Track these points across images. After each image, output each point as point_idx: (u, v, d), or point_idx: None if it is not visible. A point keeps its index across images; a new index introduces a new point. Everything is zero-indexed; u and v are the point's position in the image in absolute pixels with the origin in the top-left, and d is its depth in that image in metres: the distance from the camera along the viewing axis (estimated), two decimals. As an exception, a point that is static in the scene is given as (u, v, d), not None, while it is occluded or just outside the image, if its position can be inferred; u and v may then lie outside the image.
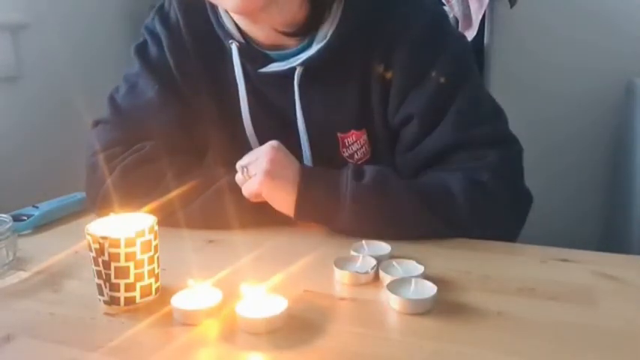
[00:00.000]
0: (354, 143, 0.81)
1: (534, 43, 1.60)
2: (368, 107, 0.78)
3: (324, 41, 0.75)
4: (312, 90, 0.79)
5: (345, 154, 0.81)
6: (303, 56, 0.76)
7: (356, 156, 0.81)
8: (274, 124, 0.83)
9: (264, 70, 0.79)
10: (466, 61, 0.78)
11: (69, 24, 1.31)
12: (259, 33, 0.77)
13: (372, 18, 0.75)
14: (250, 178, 0.71)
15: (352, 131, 0.80)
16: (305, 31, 0.75)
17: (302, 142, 0.81)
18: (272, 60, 0.79)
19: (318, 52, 0.75)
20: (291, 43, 0.77)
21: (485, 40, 1.60)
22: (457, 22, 1.45)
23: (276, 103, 0.82)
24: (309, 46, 0.76)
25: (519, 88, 1.51)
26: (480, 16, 1.43)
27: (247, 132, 0.83)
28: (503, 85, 0.87)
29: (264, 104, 0.83)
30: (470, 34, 1.43)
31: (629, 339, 0.48)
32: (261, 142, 0.84)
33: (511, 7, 1.48)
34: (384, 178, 0.70)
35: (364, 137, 0.80)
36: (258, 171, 0.69)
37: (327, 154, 0.82)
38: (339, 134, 0.81)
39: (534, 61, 1.60)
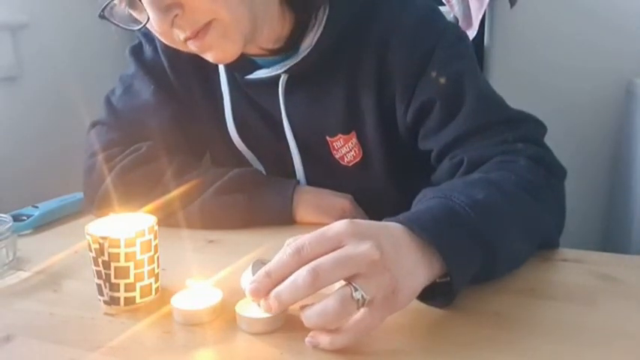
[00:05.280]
0: (343, 146, 0.80)
1: (534, 43, 1.60)
2: (356, 111, 0.78)
3: (309, 49, 0.74)
4: (297, 95, 0.79)
5: (337, 156, 0.82)
6: (289, 63, 0.76)
7: (346, 158, 0.81)
8: (263, 128, 0.83)
9: (249, 77, 0.79)
10: (467, 46, 0.78)
11: (69, 24, 1.30)
12: (245, 50, 0.77)
13: (358, 22, 0.75)
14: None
15: (339, 135, 0.80)
16: (290, 45, 0.75)
17: (290, 145, 0.82)
18: (258, 66, 0.79)
19: (303, 59, 0.75)
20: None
21: (486, 40, 1.60)
22: (457, 22, 1.45)
23: (264, 107, 0.82)
24: (295, 52, 0.76)
25: (519, 88, 1.51)
26: (480, 16, 1.43)
27: (232, 137, 0.84)
28: (503, 85, 0.87)
29: (253, 108, 0.83)
30: (470, 34, 1.43)
31: (629, 339, 0.48)
32: (249, 146, 0.85)
33: (511, 7, 1.48)
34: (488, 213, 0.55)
35: (354, 140, 0.80)
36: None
37: (317, 157, 0.82)
38: (327, 138, 0.81)
39: (534, 61, 1.60)
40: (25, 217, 0.79)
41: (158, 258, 0.56)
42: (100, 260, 0.53)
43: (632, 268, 0.62)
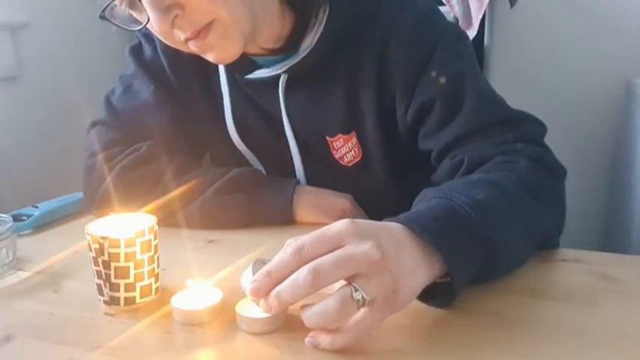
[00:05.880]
0: (343, 146, 0.80)
1: (534, 43, 1.60)
2: (356, 110, 0.78)
3: (309, 49, 0.74)
4: (297, 95, 0.79)
5: (336, 156, 0.82)
6: (288, 63, 0.76)
7: (346, 158, 0.81)
8: (263, 128, 0.83)
9: (249, 77, 0.79)
10: (467, 46, 0.77)
11: (69, 24, 1.31)
12: (245, 49, 0.77)
13: (358, 22, 0.75)
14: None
15: (339, 135, 0.80)
16: (290, 45, 0.75)
17: (290, 145, 0.82)
18: (258, 66, 0.79)
19: (303, 59, 0.75)
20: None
21: (485, 40, 1.60)
22: (457, 22, 1.45)
23: (264, 107, 0.82)
24: (295, 52, 0.76)
25: (519, 88, 1.51)
26: (480, 16, 1.43)
27: (232, 137, 0.84)
28: (503, 85, 0.87)
29: (253, 108, 0.83)
30: (470, 34, 1.43)
31: (629, 339, 0.48)
32: (249, 146, 0.85)
33: (511, 7, 1.48)
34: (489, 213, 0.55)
35: (354, 140, 0.80)
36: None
37: (317, 157, 0.82)
38: (327, 137, 0.81)
39: (534, 61, 1.60)
40: (25, 217, 0.79)
41: (158, 258, 0.56)
42: (100, 260, 0.53)
43: (632, 268, 0.62)
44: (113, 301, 0.54)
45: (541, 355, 0.46)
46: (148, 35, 0.84)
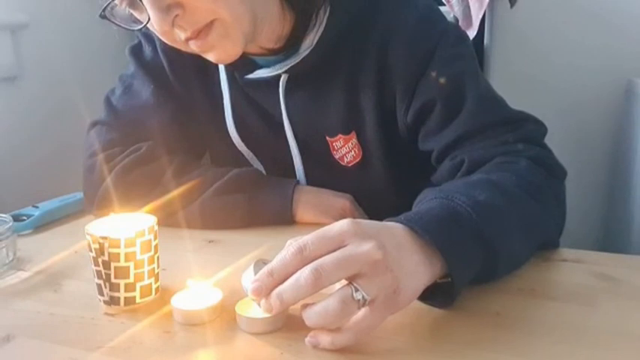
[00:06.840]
0: (343, 147, 0.80)
1: (534, 43, 1.59)
2: (356, 111, 0.78)
3: (309, 49, 0.74)
4: (297, 95, 0.79)
5: (336, 157, 0.82)
6: (289, 63, 0.76)
7: (346, 159, 0.81)
8: (263, 128, 0.83)
9: (249, 76, 0.79)
10: (467, 47, 0.77)
11: (69, 24, 1.30)
12: (245, 49, 0.77)
13: (359, 22, 0.75)
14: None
15: (339, 135, 0.80)
16: (290, 45, 0.75)
17: (290, 145, 0.82)
18: (259, 66, 0.79)
19: (303, 60, 0.75)
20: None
21: (486, 40, 1.59)
22: (457, 22, 1.45)
23: (264, 107, 0.82)
24: (295, 52, 0.76)
25: (519, 88, 1.51)
26: (480, 16, 1.43)
27: (232, 137, 0.84)
28: (503, 85, 0.87)
29: (253, 108, 0.83)
30: (470, 34, 1.43)
31: (629, 339, 0.48)
32: (249, 146, 0.85)
33: (511, 7, 1.48)
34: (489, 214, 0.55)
35: (354, 140, 0.80)
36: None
37: (317, 157, 0.82)
38: (327, 138, 0.81)
39: (534, 61, 1.60)
40: (25, 217, 0.79)
41: (158, 258, 0.56)
42: (100, 260, 0.53)
43: (632, 268, 0.62)
44: (113, 301, 0.54)
45: (541, 355, 0.46)
46: (147, 35, 0.84)
